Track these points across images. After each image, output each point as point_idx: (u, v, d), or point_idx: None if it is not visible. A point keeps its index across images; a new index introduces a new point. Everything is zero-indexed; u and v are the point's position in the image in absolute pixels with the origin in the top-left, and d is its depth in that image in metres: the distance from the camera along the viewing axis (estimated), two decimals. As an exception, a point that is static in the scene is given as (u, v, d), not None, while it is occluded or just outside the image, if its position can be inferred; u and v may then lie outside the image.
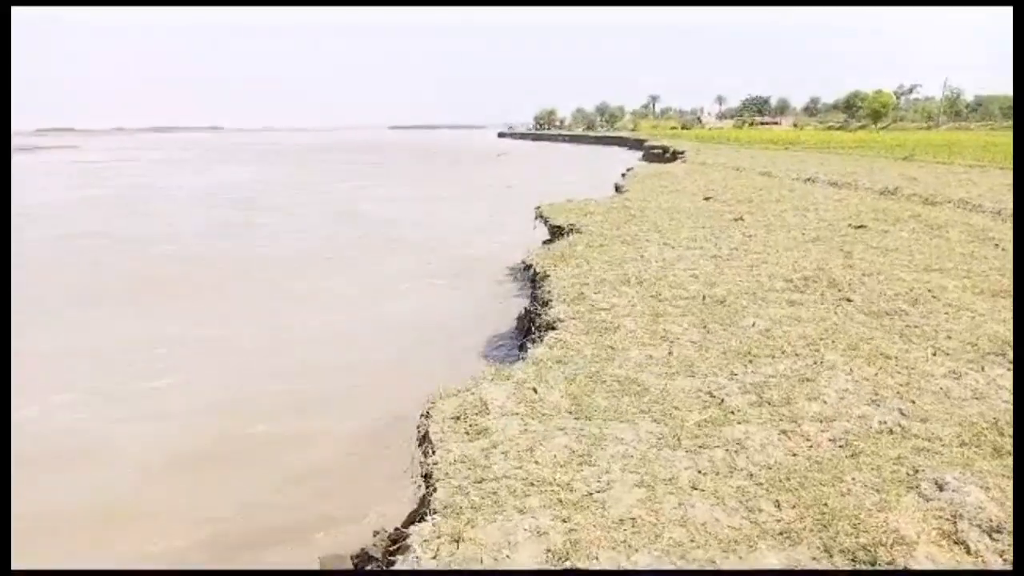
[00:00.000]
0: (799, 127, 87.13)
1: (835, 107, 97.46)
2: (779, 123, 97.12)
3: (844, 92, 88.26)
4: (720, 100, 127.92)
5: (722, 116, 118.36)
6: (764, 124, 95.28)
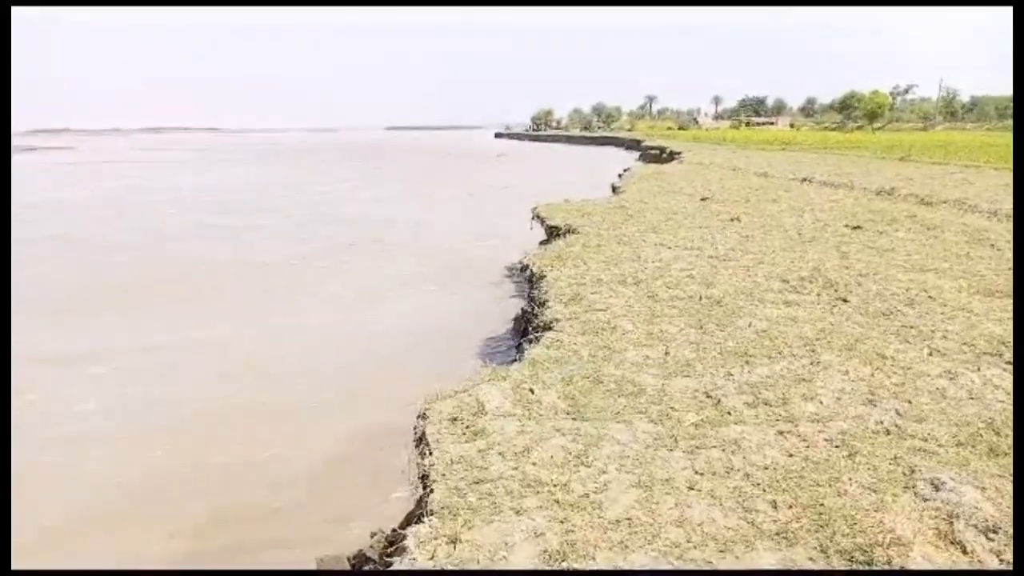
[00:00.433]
0: (796, 127, 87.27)
1: (831, 107, 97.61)
2: (775, 123, 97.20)
3: (842, 92, 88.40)
4: (717, 100, 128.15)
5: (719, 116, 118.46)
6: (760, 124, 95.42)
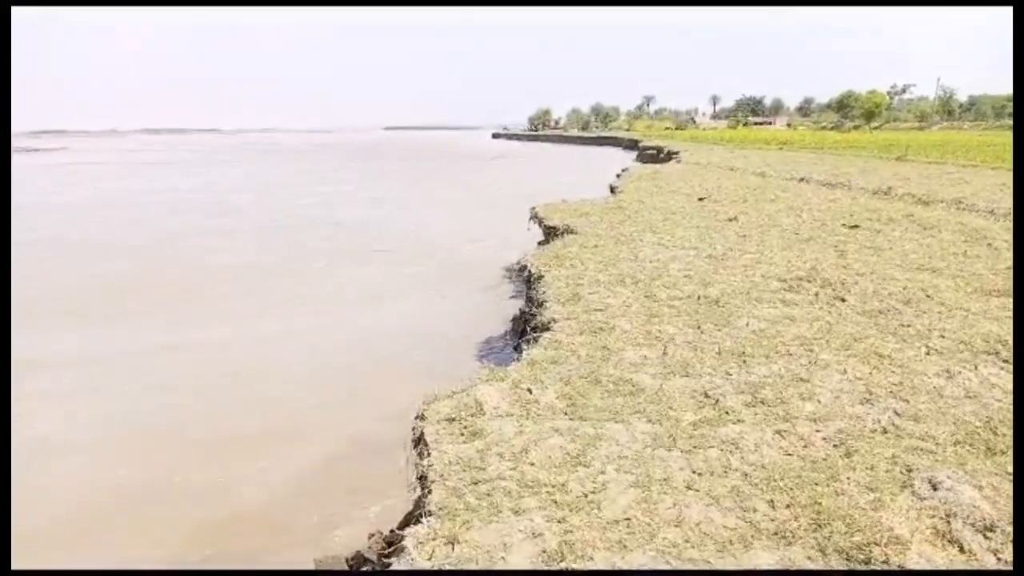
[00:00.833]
0: (793, 127, 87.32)
1: (828, 107, 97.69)
2: (773, 123, 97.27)
3: (839, 92, 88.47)
4: (715, 100, 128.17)
5: (716, 116, 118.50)
6: (758, 124, 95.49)
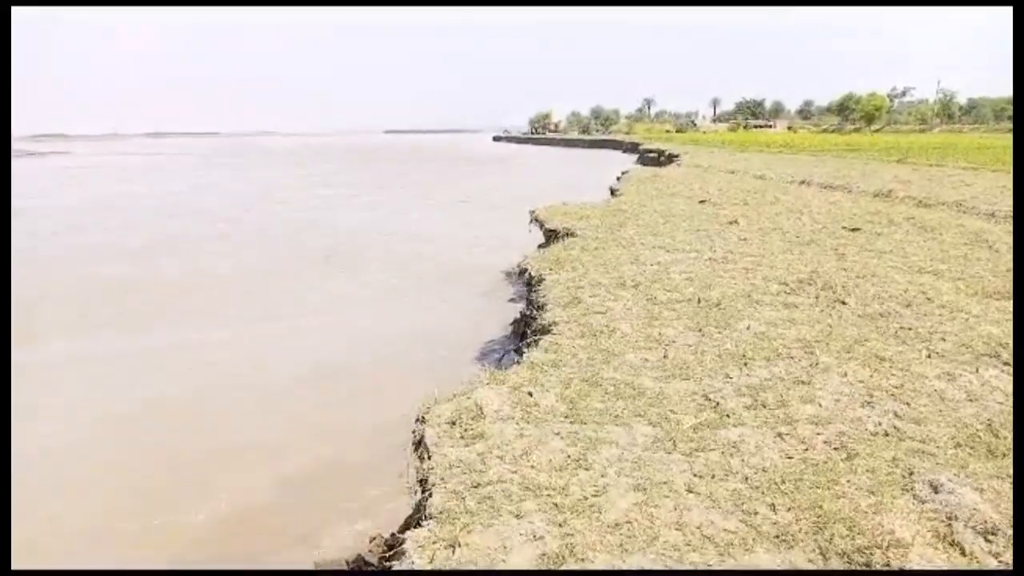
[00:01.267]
0: (793, 130, 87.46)
1: (829, 110, 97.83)
2: (773, 126, 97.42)
3: (840, 94, 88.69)
4: (715, 103, 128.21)
5: (717, 119, 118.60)
6: (758, 127, 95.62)
